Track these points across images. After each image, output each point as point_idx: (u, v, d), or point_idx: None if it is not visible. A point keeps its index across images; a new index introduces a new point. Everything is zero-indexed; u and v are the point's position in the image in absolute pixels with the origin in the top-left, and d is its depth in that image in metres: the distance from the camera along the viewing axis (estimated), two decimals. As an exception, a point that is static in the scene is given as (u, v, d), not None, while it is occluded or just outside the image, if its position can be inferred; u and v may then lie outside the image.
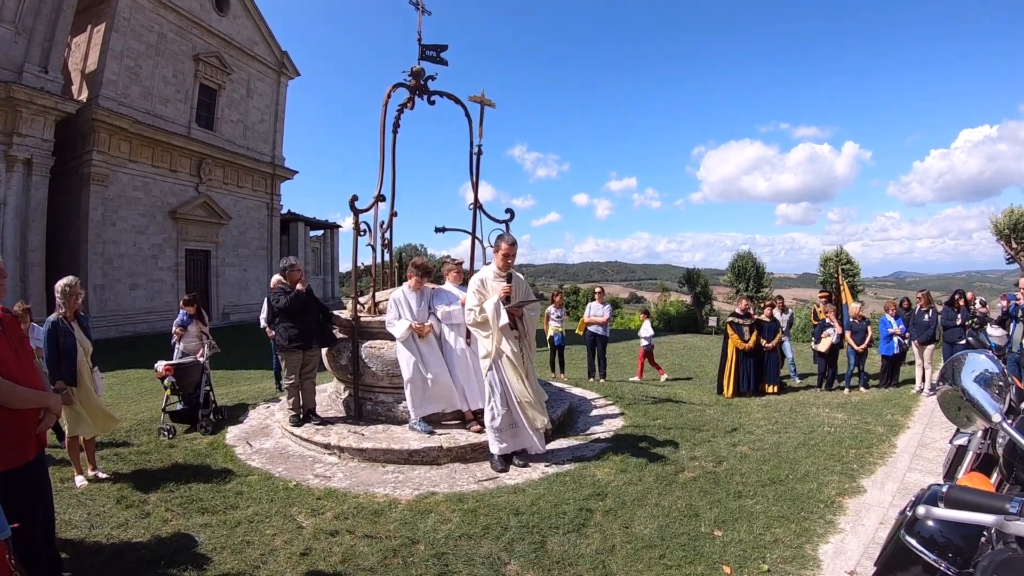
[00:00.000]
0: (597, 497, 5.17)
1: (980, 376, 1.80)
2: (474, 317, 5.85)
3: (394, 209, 8.31)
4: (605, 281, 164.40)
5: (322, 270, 39.18)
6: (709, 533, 4.62)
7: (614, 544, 4.38)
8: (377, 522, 4.66)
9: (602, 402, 9.04)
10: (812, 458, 6.60)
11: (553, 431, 7.08)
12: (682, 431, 7.44)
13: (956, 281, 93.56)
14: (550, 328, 12.57)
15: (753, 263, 33.76)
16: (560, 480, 5.57)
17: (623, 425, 7.69)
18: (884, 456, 6.97)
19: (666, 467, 6.01)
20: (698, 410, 8.93)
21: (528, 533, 4.47)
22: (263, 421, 7.88)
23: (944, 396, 1.87)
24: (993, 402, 1.74)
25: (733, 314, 12.32)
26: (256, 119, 31.36)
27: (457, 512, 4.81)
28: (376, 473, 5.81)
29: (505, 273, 5.98)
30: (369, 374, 7.11)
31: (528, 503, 4.99)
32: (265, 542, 4.34)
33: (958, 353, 1.93)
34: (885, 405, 9.81)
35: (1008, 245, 21.43)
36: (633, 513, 4.90)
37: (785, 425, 8.14)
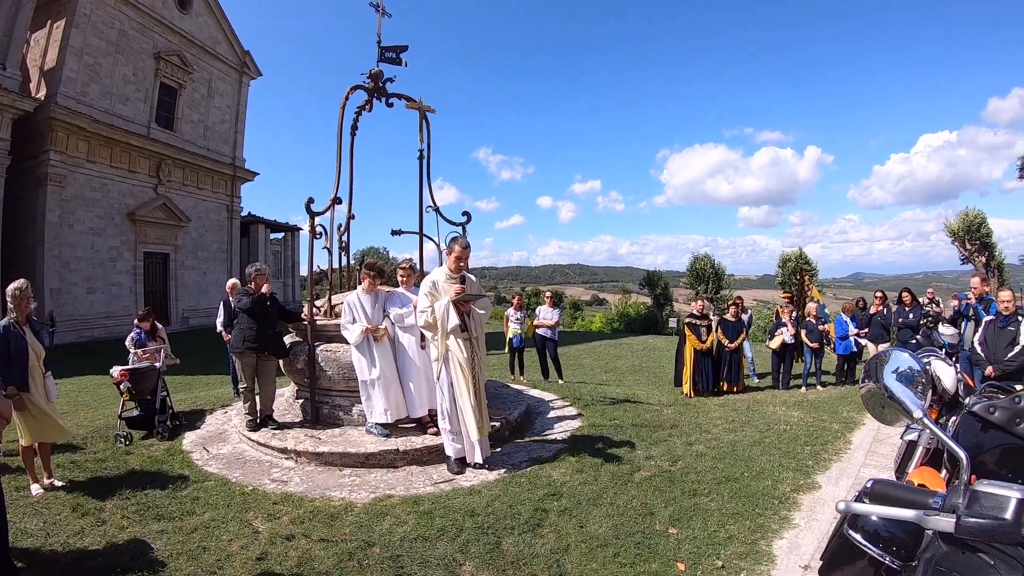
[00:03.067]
0: (552, 497, 5.20)
1: (901, 373, 1.82)
2: (425, 319, 5.85)
3: (352, 212, 8.28)
4: (567, 283, 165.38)
5: (283, 273, 38.72)
6: (664, 531, 4.67)
7: (569, 543, 4.42)
8: (333, 525, 4.66)
9: (560, 403, 9.08)
10: (767, 456, 6.69)
11: (510, 432, 7.13)
12: (639, 431, 7.49)
13: (913, 281, 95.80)
14: (510, 330, 12.59)
15: (712, 265, 34.24)
16: (516, 481, 5.59)
17: (580, 426, 7.74)
18: (839, 452, 7.08)
19: (622, 467, 6.06)
20: (655, 410, 8.99)
21: (483, 534, 4.49)
22: (220, 426, 7.81)
23: (868, 394, 1.90)
24: (915, 398, 1.76)
25: (690, 315, 12.44)
26: (217, 119, 30.93)
27: (413, 514, 4.82)
28: (333, 477, 5.79)
29: (458, 275, 5.98)
30: (325, 378, 7.08)
31: (483, 504, 5.01)
32: (221, 548, 4.31)
33: (880, 351, 1.96)
34: (841, 402, 9.97)
35: (962, 246, 21.99)
36: (588, 512, 4.94)
37: (742, 424, 8.25)
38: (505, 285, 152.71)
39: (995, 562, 1.41)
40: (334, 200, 7.58)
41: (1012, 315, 7.40)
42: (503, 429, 7.03)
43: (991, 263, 21.88)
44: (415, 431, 6.73)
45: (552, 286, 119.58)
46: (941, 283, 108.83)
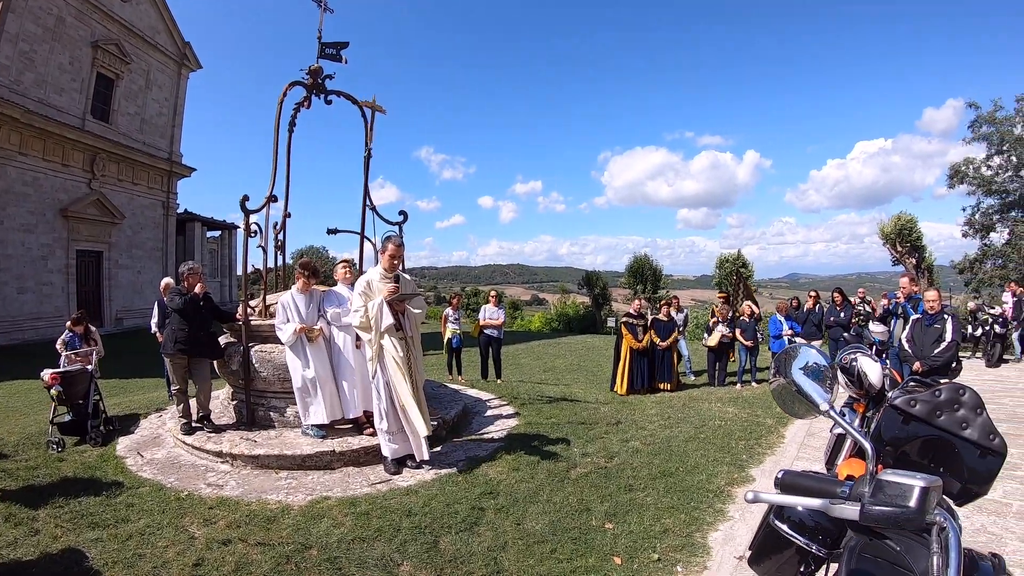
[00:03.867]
0: (489, 496, 5.26)
1: (809, 368, 1.87)
2: (359, 318, 5.83)
3: (288, 210, 8.19)
4: (507, 284, 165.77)
5: (219, 272, 37.78)
6: (600, 526, 4.77)
7: (506, 541, 4.47)
8: (270, 529, 4.63)
9: (497, 402, 9.13)
10: (702, 451, 6.85)
11: (447, 432, 7.16)
12: (575, 428, 7.58)
13: (847, 282, 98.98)
14: (447, 330, 12.58)
15: (650, 266, 34.71)
16: (453, 480, 5.63)
17: (517, 424, 7.80)
18: (773, 446, 7.28)
19: (558, 464, 6.14)
20: (592, 408, 9.09)
21: (420, 534, 4.52)
22: (155, 431, 7.65)
23: (777, 389, 1.94)
24: (822, 392, 1.81)
25: (627, 314, 12.64)
26: (154, 112, 30.02)
27: (350, 516, 4.82)
28: (269, 480, 5.74)
29: (392, 275, 5.97)
30: (260, 379, 7.00)
31: (421, 504, 5.03)
32: (157, 554, 4.25)
33: (788, 347, 2.00)
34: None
35: (894, 249, 22.75)
36: (525, 510, 5.00)
37: (677, 420, 8.40)
38: (445, 285, 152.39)
39: (900, 548, 1.49)
40: (269, 198, 7.49)
41: (938, 313, 7.63)
42: (440, 429, 7.03)
43: (921, 265, 22.65)
44: (351, 432, 6.71)
45: (492, 286, 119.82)
46: (874, 283, 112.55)
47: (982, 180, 28.55)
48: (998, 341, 14.28)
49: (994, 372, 13.27)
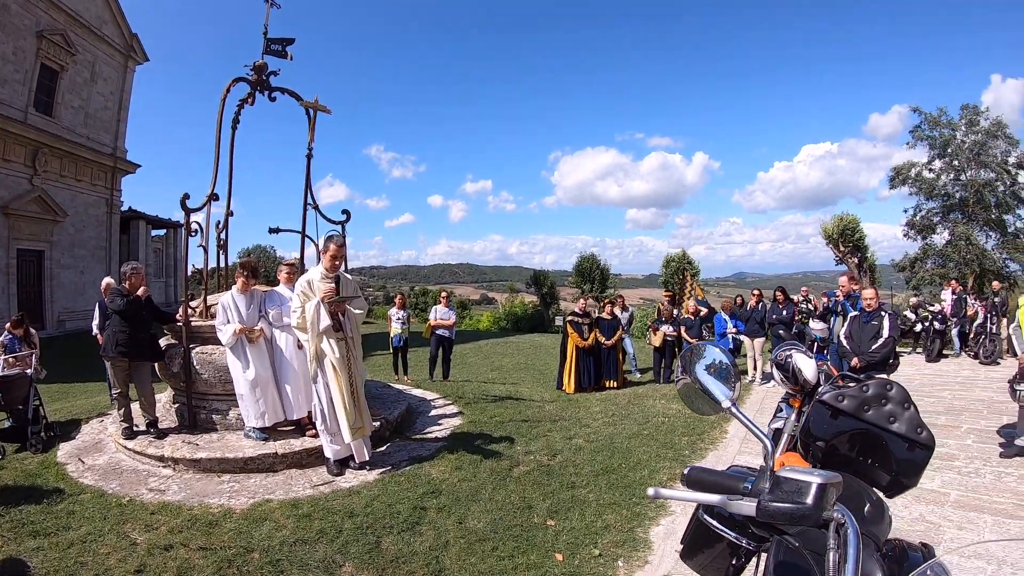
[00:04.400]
0: (432, 495, 5.31)
1: (712, 366, 1.91)
2: (297, 319, 5.82)
3: (230, 209, 8.00)
4: (456, 283, 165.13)
5: (164, 272, 36.58)
6: (542, 523, 4.85)
7: (448, 540, 4.53)
8: (212, 533, 4.61)
9: (442, 402, 9.15)
10: (645, 447, 6.98)
11: (391, 432, 7.19)
12: (519, 427, 7.66)
13: (793, 280, 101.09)
14: (392, 330, 12.52)
15: (597, 265, 34.95)
16: (395, 480, 5.67)
17: (460, 423, 7.85)
18: (715, 442, 7.44)
19: (501, 462, 6.22)
20: (537, 406, 9.17)
21: (362, 534, 4.55)
22: (96, 436, 7.50)
23: (683, 387, 1.97)
24: (725, 390, 1.86)
25: (572, 313, 12.74)
26: (99, 106, 28.93)
27: (292, 518, 4.83)
28: (211, 484, 5.71)
29: (333, 275, 5.94)
30: (201, 381, 6.94)
31: (363, 505, 5.07)
32: (99, 562, 4.21)
33: (692, 346, 2.05)
34: None
35: (836, 249, 23.34)
36: (467, 509, 5.07)
37: (621, 417, 8.54)
38: (394, 285, 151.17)
39: (799, 543, 1.53)
40: (210, 196, 7.39)
41: (875, 311, 7.84)
42: (384, 429, 7.07)
43: (863, 264, 23.26)
44: (294, 433, 6.69)
45: (442, 285, 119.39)
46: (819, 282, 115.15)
47: (924, 183, 29.83)
48: (937, 337, 14.84)
49: (934, 367, 13.75)
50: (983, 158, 28.10)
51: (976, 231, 28.70)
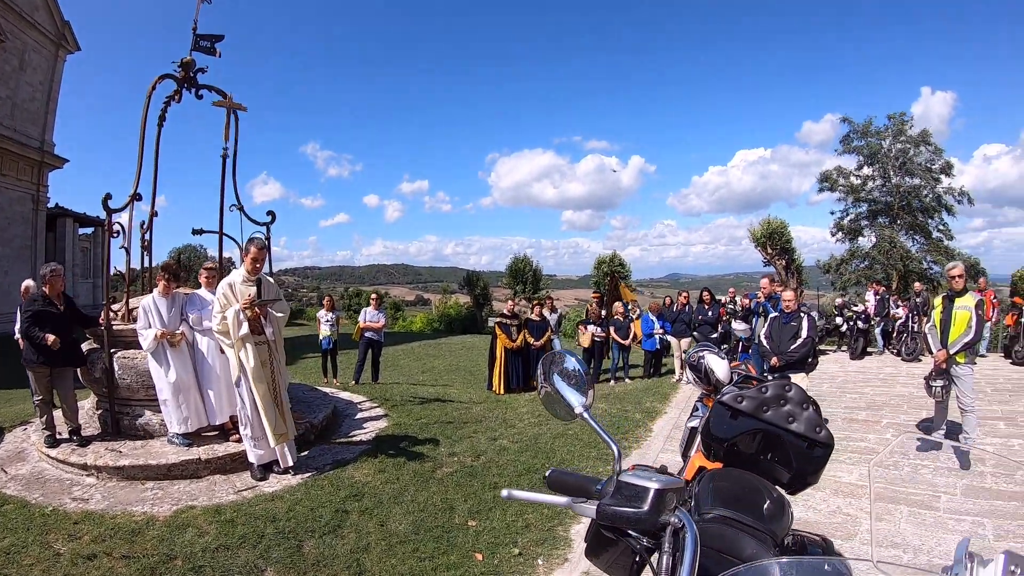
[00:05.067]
0: (354, 498, 5.39)
1: (566, 374, 1.91)
2: (218, 324, 5.77)
3: (155, 209, 7.88)
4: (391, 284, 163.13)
5: (92, 273, 35.06)
6: (463, 524, 4.97)
7: (369, 542, 4.62)
8: (135, 541, 4.60)
9: (368, 405, 9.14)
10: (569, 447, 7.14)
11: (316, 436, 7.20)
12: (444, 428, 7.75)
13: (726, 281, 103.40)
14: (321, 332, 12.38)
15: (530, 266, 35.17)
16: (318, 484, 5.72)
17: (386, 426, 7.88)
18: (640, 440, 7.65)
19: (424, 464, 6.32)
20: (464, 408, 9.26)
21: (284, 539, 4.60)
22: (19, 445, 7.30)
23: (544, 395, 1.97)
24: (579, 396, 1.84)
25: (501, 315, 12.86)
26: (27, 96, 27.39)
27: (215, 524, 4.84)
28: (135, 491, 5.66)
29: (254, 278, 5.93)
30: (124, 386, 6.83)
31: (285, 509, 5.11)
32: (22, 573, 4.19)
33: (549, 354, 2.06)
34: (646, 394, 10.68)
35: (764, 251, 24.06)
36: (389, 511, 5.16)
37: (547, 417, 8.50)
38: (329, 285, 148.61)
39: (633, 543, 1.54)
40: (133, 196, 7.25)
41: (794, 312, 8.07)
42: (309, 433, 7.07)
43: (791, 266, 24.08)
44: (218, 439, 6.64)
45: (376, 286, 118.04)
46: (750, 283, 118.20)
47: (851, 188, 31.41)
48: (861, 336, 15.51)
49: (858, 364, 14.40)
50: (909, 165, 29.84)
51: (901, 235, 30.42)
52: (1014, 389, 10.60)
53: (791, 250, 24.46)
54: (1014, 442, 7.37)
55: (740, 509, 1.71)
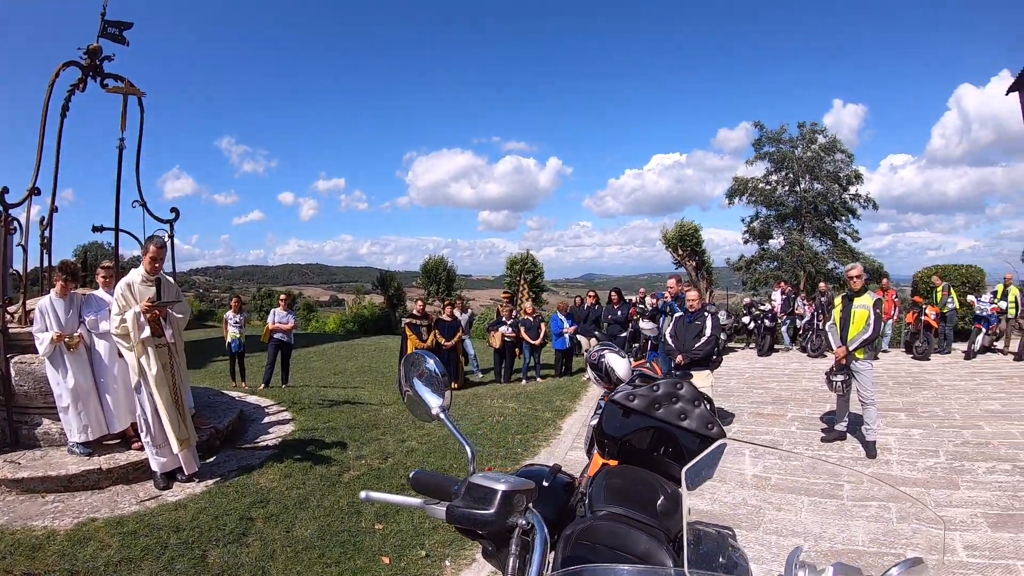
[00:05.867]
0: (259, 505, 5.37)
1: (424, 375, 1.91)
2: (117, 326, 5.60)
3: (55, 204, 7.55)
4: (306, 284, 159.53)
5: None
6: (370, 528, 5.03)
7: (274, 549, 4.64)
8: (35, 557, 4.48)
9: (276, 409, 9.04)
10: (478, 446, 7.25)
11: (221, 442, 7.09)
12: (352, 431, 7.74)
13: (640, 281, 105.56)
14: (228, 334, 12.18)
15: (444, 266, 35.22)
16: (223, 492, 5.66)
17: (293, 430, 7.82)
18: (549, 439, 7.83)
19: (331, 468, 6.34)
20: (374, 410, 9.22)
21: (188, 549, 4.57)
22: (-85, 458, 7.00)
23: (407, 398, 1.96)
24: (436, 397, 1.84)
25: (411, 315, 12.92)
26: None
27: (117, 536, 4.76)
28: (35, 504, 5.48)
29: (153, 277, 5.80)
30: (22, 394, 6.54)
31: (189, 519, 5.05)
32: (-87, 599, 4.05)
33: (407, 356, 2.05)
34: (556, 393, 10.87)
35: (675, 252, 24.79)
36: (295, 517, 5.18)
37: (458, 417, 8.59)
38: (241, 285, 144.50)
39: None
40: (31, 191, 7.00)
41: (698, 311, 8.33)
42: (213, 439, 6.97)
43: (701, 267, 24.94)
44: (120, 447, 6.44)
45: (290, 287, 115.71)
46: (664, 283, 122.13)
47: (761, 193, 32.73)
48: (768, 333, 16.25)
49: (764, 360, 15.11)
50: (817, 172, 31.42)
51: (809, 237, 32.03)
52: (914, 382, 11.36)
53: (701, 252, 25.26)
54: (914, 432, 7.88)
55: (633, 506, 1.79)
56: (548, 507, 1.87)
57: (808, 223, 32.10)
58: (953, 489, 5.91)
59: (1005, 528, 4.99)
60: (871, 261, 30.40)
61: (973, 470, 6.39)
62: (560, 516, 1.94)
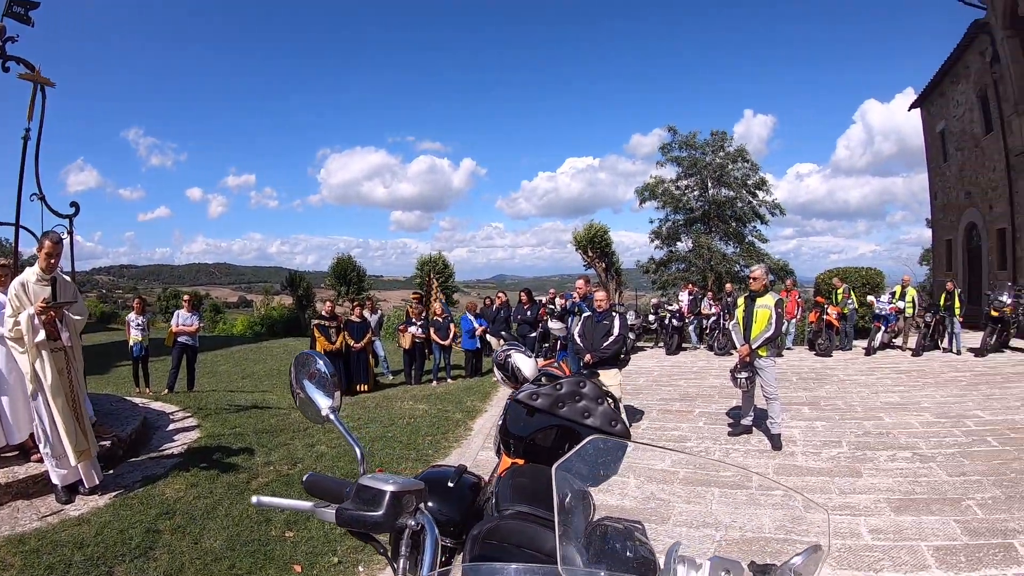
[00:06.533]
0: (166, 516, 5.23)
1: (314, 375, 1.88)
2: (9, 329, 5.35)
3: None
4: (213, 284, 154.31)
5: None
6: (280, 536, 4.99)
7: (183, 562, 4.54)
8: None
9: (181, 415, 8.83)
10: (388, 449, 7.33)
11: (124, 451, 6.88)
12: (260, 437, 7.63)
13: (551, 282, 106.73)
14: (131, 338, 11.81)
15: (354, 267, 34.94)
16: (127, 504, 5.50)
17: (199, 437, 7.66)
18: (459, 439, 7.94)
19: (239, 475, 6.25)
20: (282, 414, 9.05)
21: (94, 566, 4.42)
22: None
23: (298, 400, 1.92)
24: (324, 398, 1.82)
25: (319, 316, 12.81)
26: None
27: (18, 555, 4.58)
28: (-70, 525, 5.21)
29: (49, 276, 5.58)
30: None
31: (94, 534, 4.89)
32: None
33: (298, 356, 2.00)
34: (467, 393, 11.03)
35: (585, 254, 25.35)
36: (203, 527, 5.07)
37: (367, 420, 8.82)
38: (146, 285, 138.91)
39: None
40: None
41: (606, 311, 8.46)
42: (116, 448, 6.73)
43: (610, 268, 25.60)
44: (18, 459, 6.10)
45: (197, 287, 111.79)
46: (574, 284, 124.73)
47: (671, 196, 34.48)
48: (676, 333, 16.95)
49: (673, 359, 15.72)
50: (725, 178, 33.40)
51: (717, 240, 33.93)
52: (817, 378, 12.08)
53: (611, 253, 25.92)
54: (817, 424, 8.39)
55: (539, 504, 1.78)
56: (454, 508, 1.92)
57: (716, 227, 33.91)
58: (856, 477, 6.31)
59: (907, 512, 5.37)
60: (778, 263, 32.55)
61: (875, 459, 6.84)
62: (467, 517, 1.96)
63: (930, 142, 27.26)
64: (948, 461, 6.65)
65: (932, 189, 27.66)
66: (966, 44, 21.11)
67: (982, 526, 5.02)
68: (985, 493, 5.71)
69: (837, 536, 4.87)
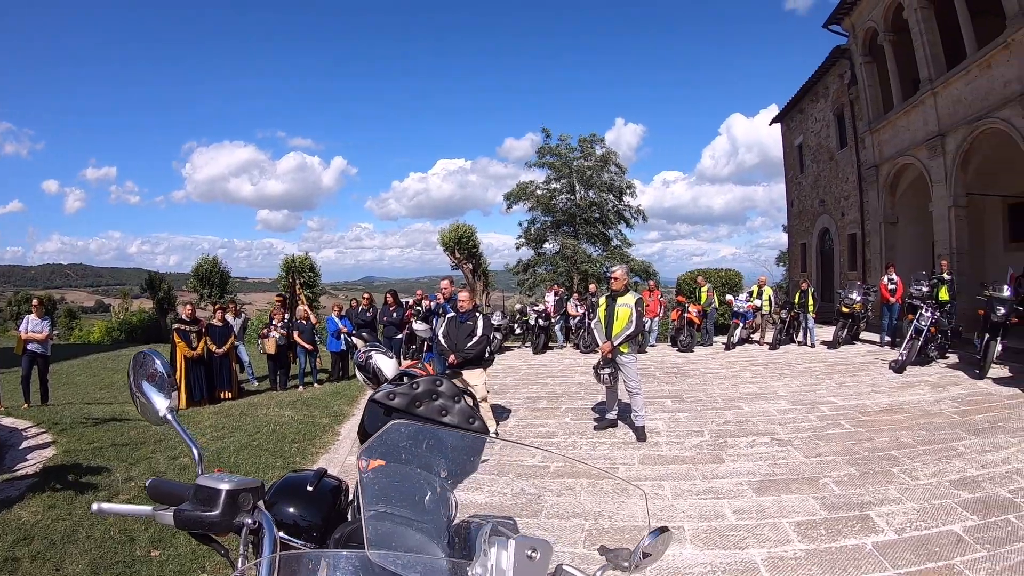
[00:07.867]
0: (23, 542, 4.97)
1: (151, 376, 1.85)
2: None
3: None
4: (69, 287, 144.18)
5: None
6: (145, 555, 4.81)
7: None
8: None
9: (35, 431, 8.37)
10: (254, 458, 7.18)
11: None
12: (120, 451, 7.38)
13: (420, 283, 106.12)
14: None
15: (218, 268, 33.75)
16: None
17: (55, 454, 7.31)
18: (327, 445, 7.89)
19: (99, 494, 5.98)
20: (144, 426, 8.61)
21: None
22: None
23: (137, 401, 1.86)
24: (162, 398, 1.80)
25: (179, 320, 12.25)
26: None
27: None
28: None
29: None
30: None
31: None
32: None
33: (136, 355, 1.96)
34: (334, 397, 10.97)
35: (452, 255, 25.48)
36: (64, 551, 4.84)
37: (232, 429, 8.62)
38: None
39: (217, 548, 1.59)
40: None
41: (470, 312, 8.55)
42: None
43: (478, 270, 25.92)
44: None
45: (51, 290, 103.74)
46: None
47: (539, 199, 35.45)
48: (543, 332, 17.48)
49: (540, 358, 16.16)
50: (595, 181, 34.61)
51: (583, 242, 35.11)
52: (679, 372, 12.76)
53: (478, 255, 26.17)
54: (680, 415, 8.80)
55: (400, 504, 1.74)
56: (315, 512, 1.87)
57: (583, 229, 35.17)
58: (719, 463, 6.70)
59: (768, 492, 5.74)
60: (641, 264, 34.32)
61: (736, 445, 7.29)
62: (329, 520, 1.92)
63: (789, 154, 29.87)
64: (805, 444, 7.18)
65: (789, 197, 30.30)
66: (827, 67, 23.25)
67: (839, 501, 5.46)
68: (840, 471, 6.22)
69: (703, 519, 5.21)
